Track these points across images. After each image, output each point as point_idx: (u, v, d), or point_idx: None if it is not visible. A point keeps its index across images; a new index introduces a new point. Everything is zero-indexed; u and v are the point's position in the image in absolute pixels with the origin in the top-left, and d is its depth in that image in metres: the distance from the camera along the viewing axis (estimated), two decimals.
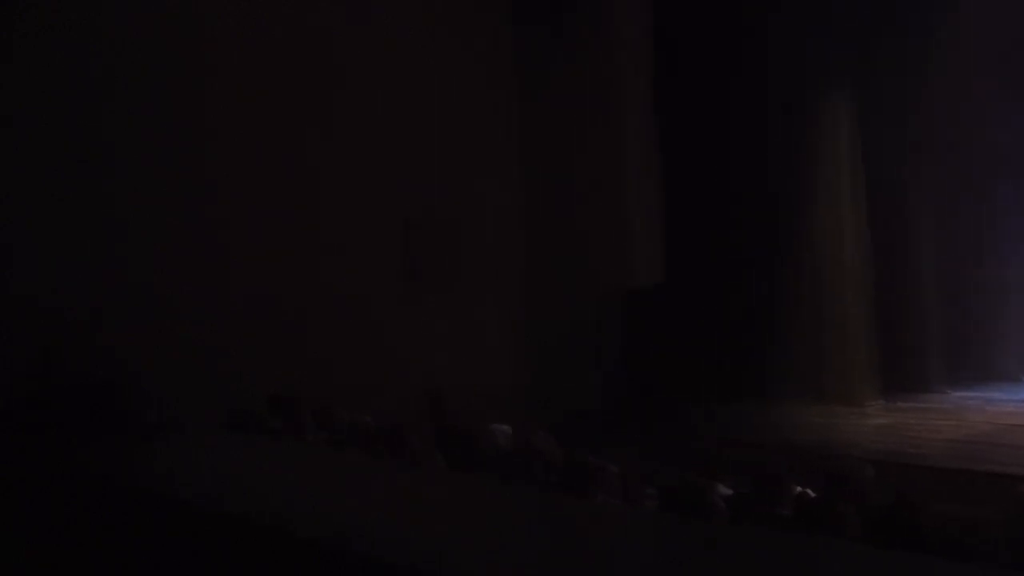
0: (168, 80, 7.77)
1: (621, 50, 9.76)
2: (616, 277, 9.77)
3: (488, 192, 9.68)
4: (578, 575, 3.38)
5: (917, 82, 9.48)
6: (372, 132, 8.87)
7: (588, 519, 4.11)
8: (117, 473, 4.64)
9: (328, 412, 6.25)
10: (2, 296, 6.81)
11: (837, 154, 9.45)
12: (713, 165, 9.64)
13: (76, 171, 7.32)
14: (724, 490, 4.95)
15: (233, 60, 8.11)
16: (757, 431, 8.50)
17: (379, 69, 8.95)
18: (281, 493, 4.31)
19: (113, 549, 4.33)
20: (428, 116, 9.18)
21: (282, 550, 3.73)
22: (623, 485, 5.16)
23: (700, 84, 9.56)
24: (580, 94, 9.74)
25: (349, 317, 8.48)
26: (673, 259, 9.91)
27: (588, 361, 9.68)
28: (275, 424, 6.10)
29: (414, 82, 9.09)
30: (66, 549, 4.54)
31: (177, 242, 7.73)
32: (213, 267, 7.86)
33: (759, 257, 9.59)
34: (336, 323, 8.40)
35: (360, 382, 7.98)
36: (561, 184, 9.89)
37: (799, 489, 4.88)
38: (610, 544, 3.77)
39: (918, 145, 9.62)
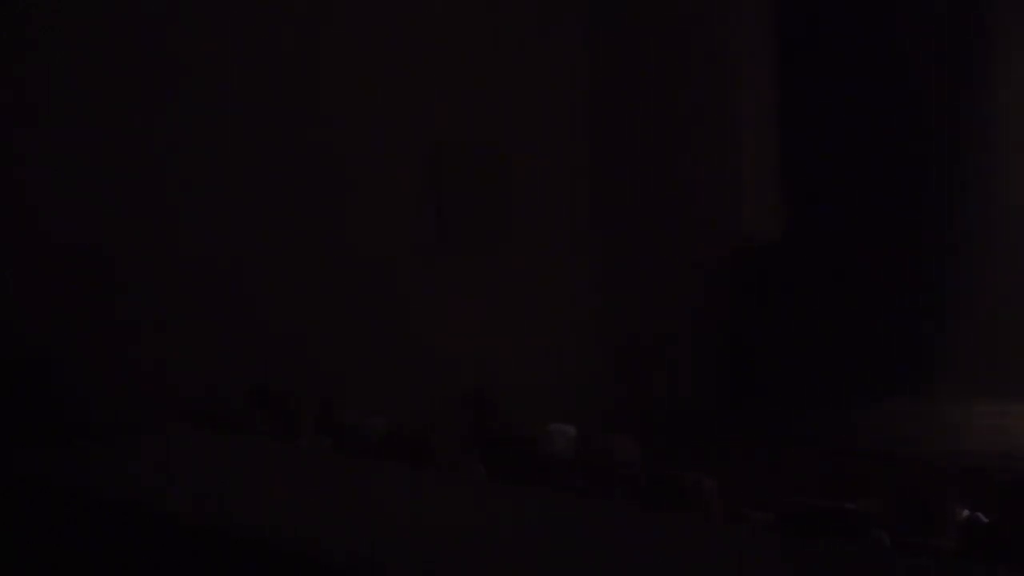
0: None
1: None
2: (719, 235, 9.59)
3: (544, 121, 9.53)
4: None
5: None
6: (389, 29, 8.73)
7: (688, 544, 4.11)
8: (84, 483, 4.82)
9: (330, 410, 6.28)
10: None
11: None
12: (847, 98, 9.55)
13: None
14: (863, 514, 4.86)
15: None
16: (907, 437, 8.49)
17: None
18: (279, 510, 4.45)
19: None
20: (464, 16, 9.04)
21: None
22: (723, 505, 5.11)
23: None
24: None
25: (360, 290, 8.43)
26: (797, 216, 9.85)
27: (680, 347, 9.65)
28: (258, 424, 6.16)
29: None
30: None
31: (118, 180, 7.61)
32: (171, 221, 7.78)
33: (906, 217, 9.52)
34: (343, 297, 8.36)
35: (376, 375, 8.04)
36: (645, 113, 9.81)
37: (966, 512, 4.80)
38: None
39: None
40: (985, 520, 4.70)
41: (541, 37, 9.49)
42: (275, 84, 8.22)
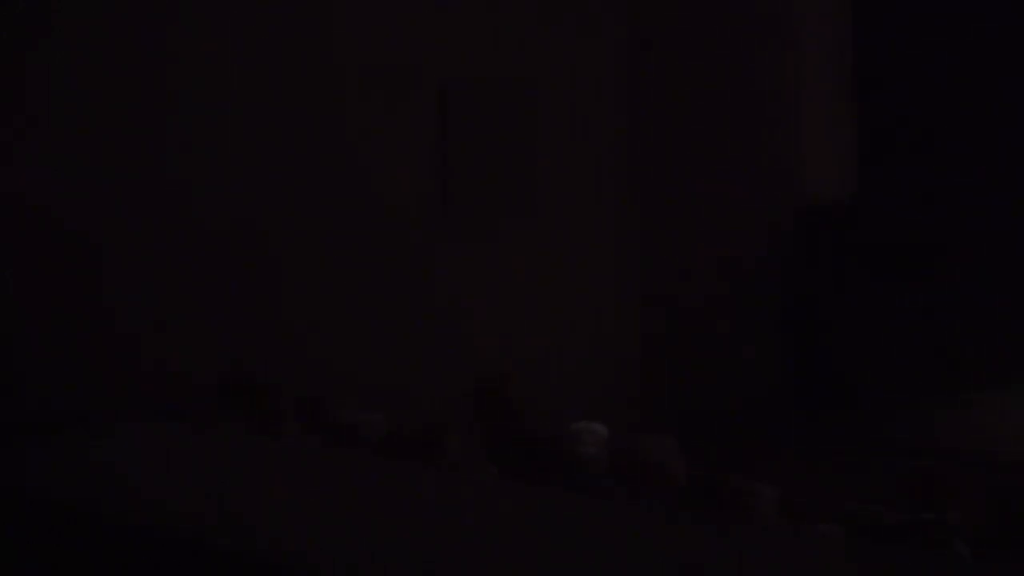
0: None
1: None
2: (779, 196, 9.57)
3: (577, 64, 9.47)
4: None
5: None
6: None
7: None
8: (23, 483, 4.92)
9: (319, 405, 6.31)
10: None
11: None
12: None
13: None
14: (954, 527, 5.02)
15: None
16: (997, 437, 8.53)
17: None
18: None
19: None
20: None
21: None
22: (783, 516, 5.18)
23: None
24: None
25: (356, 267, 8.42)
26: (870, 176, 9.89)
27: (733, 330, 9.62)
28: (233, 418, 6.22)
29: None
30: None
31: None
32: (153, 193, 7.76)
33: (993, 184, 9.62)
34: (337, 277, 8.35)
35: (375, 366, 8.06)
36: (693, 58, 9.80)
37: None
38: None
39: None
40: None
41: None
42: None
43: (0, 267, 7.25)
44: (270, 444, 5.88)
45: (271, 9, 8.24)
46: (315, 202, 8.41)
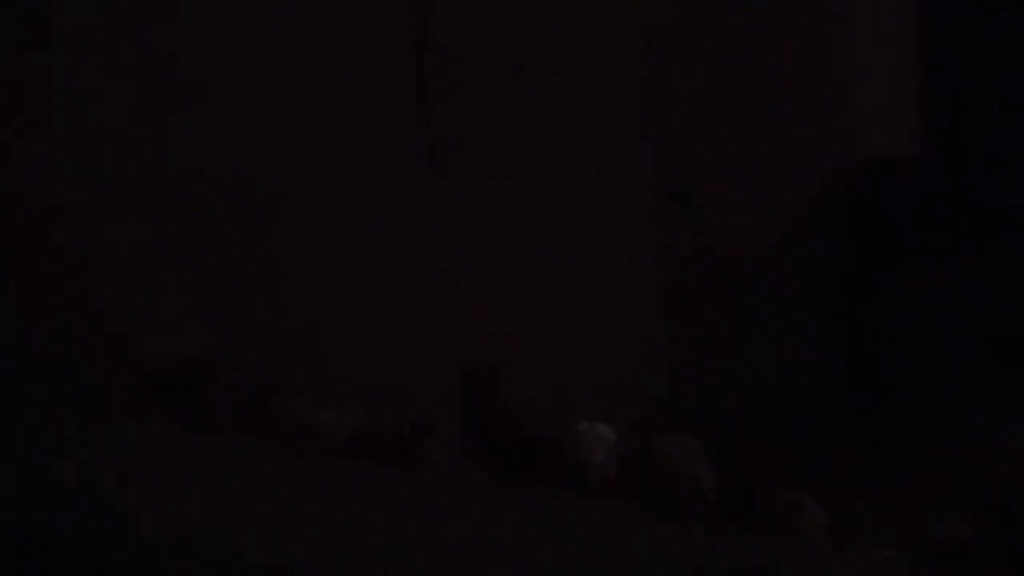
0: None
1: None
2: (830, 150, 9.60)
3: None
4: None
5: None
6: None
7: None
8: None
9: (264, 400, 6.30)
10: None
11: None
12: None
13: None
14: None
15: None
16: None
17: None
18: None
19: None
20: None
21: None
22: (831, 533, 5.23)
23: None
24: None
25: (314, 233, 8.40)
26: (936, 131, 9.92)
27: (778, 314, 9.63)
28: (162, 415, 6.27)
29: None
30: None
31: None
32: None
33: None
34: (292, 240, 8.35)
35: (342, 353, 8.11)
36: None
37: None
38: None
39: None
40: None
41: None
42: None
43: None
44: (203, 445, 5.92)
45: None
46: (276, 172, 8.44)
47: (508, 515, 5.07)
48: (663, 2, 9.85)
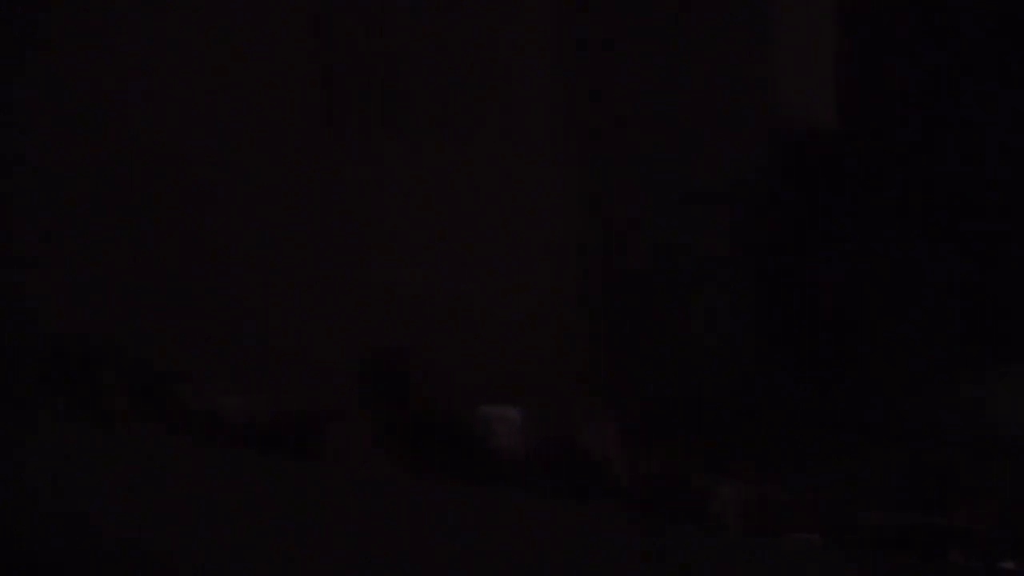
0: None
1: None
2: (753, 123, 9.60)
3: None
4: None
5: None
6: None
7: None
8: None
9: (162, 386, 6.35)
10: None
11: None
12: None
13: None
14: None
15: None
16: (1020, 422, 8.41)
17: None
18: None
19: None
20: None
21: None
22: (747, 520, 5.37)
23: None
24: None
25: (211, 205, 8.30)
26: (860, 103, 9.92)
27: (699, 287, 9.53)
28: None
29: None
30: None
31: None
32: None
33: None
34: (189, 214, 8.23)
35: (238, 334, 7.92)
36: None
37: None
38: None
39: None
40: None
41: None
42: None
43: None
44: (95, 435, 5.88)
45: None
46: (170, 131, 8.37)
47: (407, 508, 5.10)
48: None
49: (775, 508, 5.48)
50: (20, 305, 7.51)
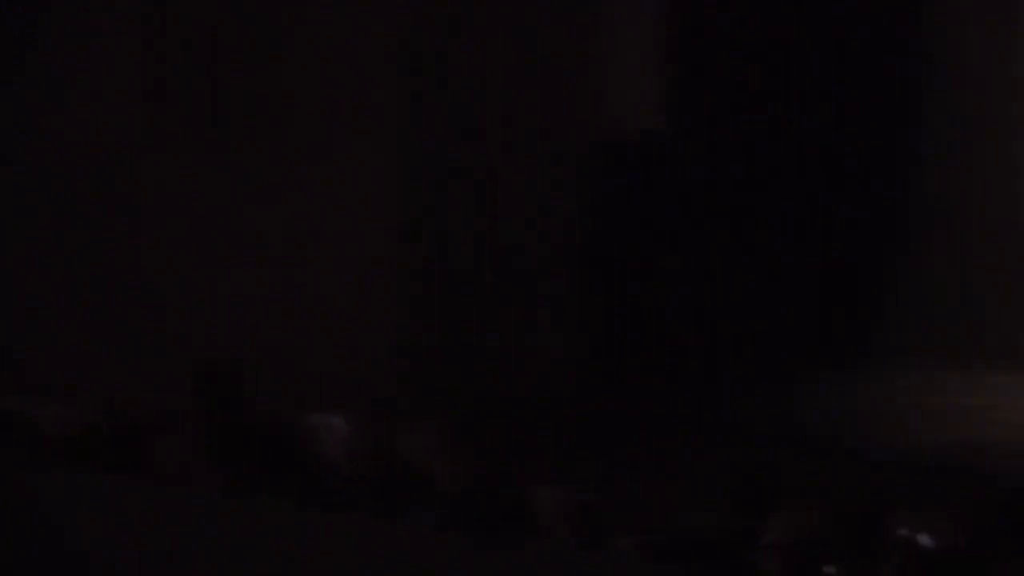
0: None
1: None
2: (578, 125, 9.65)
3: None
4: None
5: None
6: None
7: None
8: None
9: None
10: None
11: None
12: None
13: None
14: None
15: None
16: (844, 424, 8.71)
17: None
18: None
19: None
20: None
21: None
22: (576, 528, 5.26)
23: None
24: None
25: (40, 218, 8.37)
26: (684, 104, 10.00)
27: (529, 295, 9.68)
28: None
29: None
30: None
31: None
32: None
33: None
34: (17, 225, 8.31)
35: (64, 341, 7.99)
36: None
37: (904, 533, 4.98)
38: None
39: None
40: (930, 545, 4.87)
41: None
42: None
43: None
44: None
45: None
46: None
47: (238, 524, 4.99)
48: None
49: (599, 513, 5.32)
50: None
